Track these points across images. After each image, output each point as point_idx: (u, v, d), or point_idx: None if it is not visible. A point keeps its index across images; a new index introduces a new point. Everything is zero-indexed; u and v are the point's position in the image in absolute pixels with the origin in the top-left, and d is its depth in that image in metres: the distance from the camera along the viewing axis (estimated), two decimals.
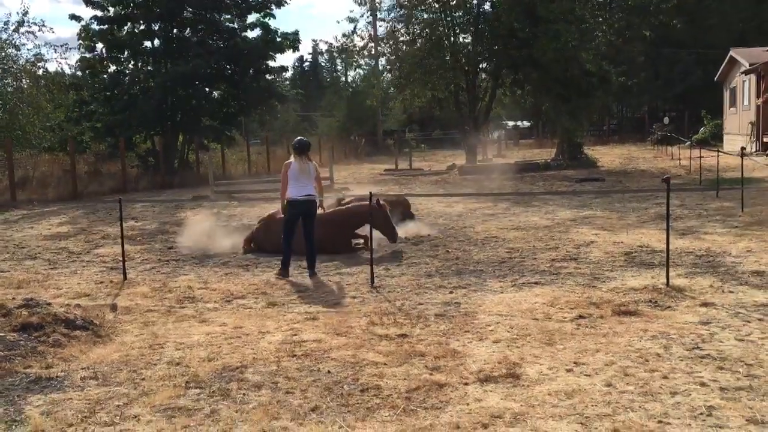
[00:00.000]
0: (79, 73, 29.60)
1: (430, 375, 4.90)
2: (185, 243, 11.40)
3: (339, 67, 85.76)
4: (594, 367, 4.94)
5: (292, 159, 8.81)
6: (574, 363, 5.05)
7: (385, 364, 5.18)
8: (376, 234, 9.89)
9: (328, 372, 5.04)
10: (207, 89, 29.83)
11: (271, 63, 30.68)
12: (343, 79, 77.69)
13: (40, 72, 27.96)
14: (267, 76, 31.07)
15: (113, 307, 7.23)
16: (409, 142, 42.41)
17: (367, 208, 9.48)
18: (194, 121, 28.74)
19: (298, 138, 9.12)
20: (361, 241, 10.57)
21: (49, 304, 6.54)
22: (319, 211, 9.16)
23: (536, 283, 7.71)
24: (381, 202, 10.24)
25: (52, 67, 77.99)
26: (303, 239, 8.75)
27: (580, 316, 6.23)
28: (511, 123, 62.28)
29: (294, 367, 5.16)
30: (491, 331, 5.93)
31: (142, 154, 28.71)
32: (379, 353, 5.42)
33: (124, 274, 8.88)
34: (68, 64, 66.06)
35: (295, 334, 6.02)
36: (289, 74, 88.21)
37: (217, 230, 12.30)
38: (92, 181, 23.51)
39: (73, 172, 22.51)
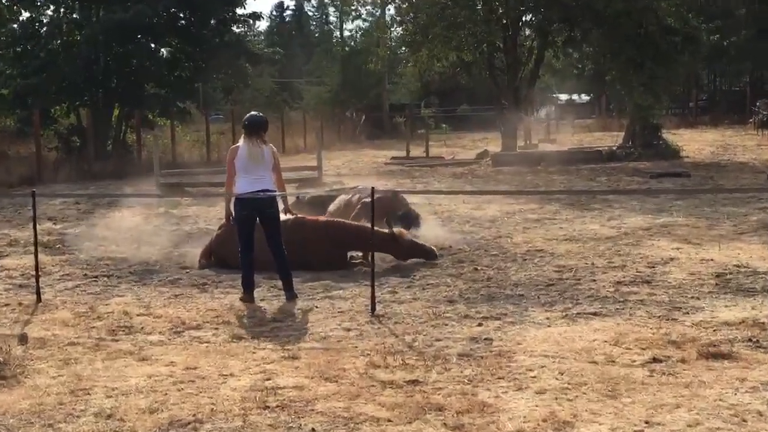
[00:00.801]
0: None
1: None
2: (120, 253, 11.42)
3: (332, 18, 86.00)
4: (673, 428, 4.93)
5: (240, 142, 8.69)
6: (646, 423, 5.04)
7: (389, 420, 5.18)
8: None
9: (313, 430, 5.04)
10: (153, 45, 29.89)
11: (239, 11, 30.82)
12: (338, 34, 77.86)
13: None
14: (234, 28, 31.16)
15: (22, 339, 7.24)
16: (425, 120, 42.40)
17: (382, 235, 9.58)
18: (135, 87, 28.84)
19: (251, 113, 9.00)
20: (360, 253, 10.57)
21: None
22: (284, 216, 9.08)
23: (595, 313, 7.70)
24: (400, 230, 10.16)
25: None
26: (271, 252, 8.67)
27: (655, 360, 6.22)
28: (563, 96, 62.28)
29: (266, 423, 5.17)
30: (533, 377, 5.93)
31: (63, 131, 28.81)
32: (381, 406, 5.42)
33: (38, 294, 8.89)
34: None
35: (269, 378, 6.03)
36: (264, 26, 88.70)
37: (164, 236, 12.32)
38: None
39: None
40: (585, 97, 63.33)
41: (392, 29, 35.11)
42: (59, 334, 7.45)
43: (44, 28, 28.79)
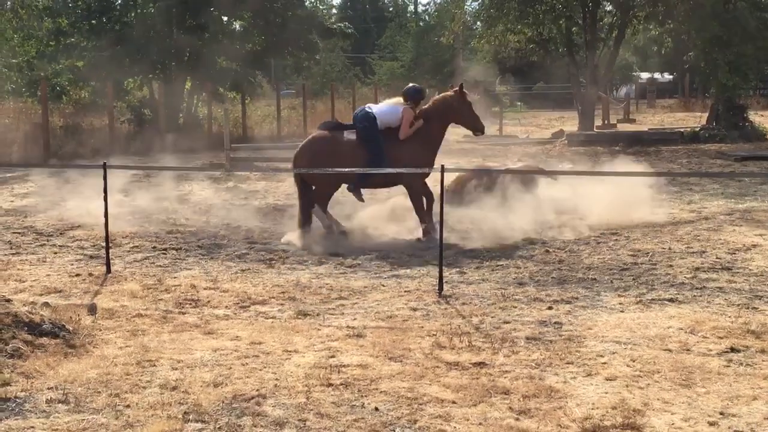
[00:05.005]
0: None
1: (515, 420, 4.89)
2: (188, 226, 11.62)
3: None
4: (749, 421, 4.86)
5: None
6: (721, 414, 4.97)
7: (453, 402, 5.19)
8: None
9: (376, 409, 5.09)
10: (225, 18, 30.15)
11: None
12: (412, 8, 77.62)
13: None
14: (306, 3, 31.23)
15: (92, 309, 7.42)
16: (499, 98, 42.00)
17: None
18: (207, 61, 29.13)
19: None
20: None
21: (8, 300, 6.76)
22: None
23: (671, 300, 7.61)
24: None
25: None
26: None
27: (732, 349, 6.13)
28: (645, 75, 61.15)
29: (329, 401, 5.23)
30: (604, 363, 5.88)
31: (136, 104, 29.30)
32: (446, 387, 5.44)
33: (108, 265, 9.11)
34: None
35: (333, 356, 6.10)
36: (336, 0, 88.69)
37: (232, 211, 12.50)
38: (70, 139, 24.14)
39: (46, 125, 23.17)
40: (667, 76, 62.11)
41: (467, 4, 34.82)
42: (127, 305, 7.63)
43: (119, 1, 29.26)
